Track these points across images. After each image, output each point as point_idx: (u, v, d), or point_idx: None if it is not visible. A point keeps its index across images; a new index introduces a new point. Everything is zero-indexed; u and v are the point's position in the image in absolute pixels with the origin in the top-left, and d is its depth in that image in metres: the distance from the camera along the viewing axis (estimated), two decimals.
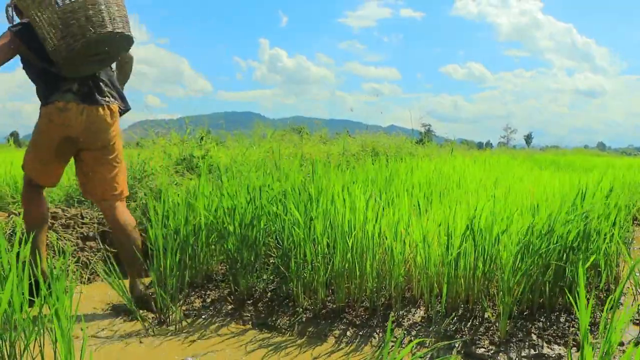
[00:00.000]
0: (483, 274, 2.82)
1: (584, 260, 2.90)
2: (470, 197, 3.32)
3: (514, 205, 3.07)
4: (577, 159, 12.48)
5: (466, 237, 2.80)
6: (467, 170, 5.33)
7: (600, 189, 3.66)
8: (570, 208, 2.98)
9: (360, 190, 3.09)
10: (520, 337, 2.69)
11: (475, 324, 2.82)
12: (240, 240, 3.10)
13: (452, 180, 4.47)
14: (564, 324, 2.83)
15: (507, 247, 2.72)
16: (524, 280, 2.72)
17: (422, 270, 2.89)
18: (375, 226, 2.90)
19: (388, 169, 4.42)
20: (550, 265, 2.82)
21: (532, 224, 2.76)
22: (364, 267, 2.91)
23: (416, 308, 3.03)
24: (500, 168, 6.54)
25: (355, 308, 3.00)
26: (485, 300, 2.84)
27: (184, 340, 2.74)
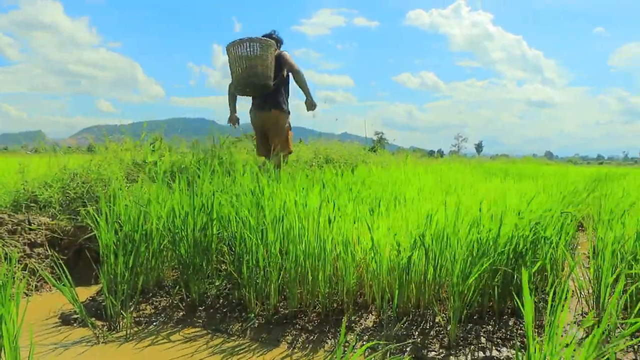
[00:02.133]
0: (433, 279, 2.85)
1: (530, 265, 2.96)
2: (420, 205, 3.36)
3: (463, 213, 3.12)
4: (526, 168, 12.76)
5: (417, 243, 2.81)
6: (418, 178, 5.38)
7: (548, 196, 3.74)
8: (518, 215, 3.04)
9: (313, 197, 3.09)
10: (470, 341, 2.79)
11: (426, 328, 2.89)
12: (193, 246, 3.07)
13: (404, 187, 4.51)
14: (512, 327, 2.95)
15: (457, 253, 2.76)
16: (473, 285, 2.77)
17: (374, 275, 2.91)
18: (327, 232, 2.90)
19: (341, 176, 4.43)
20: (499, 270, 2.87)
21: (480, 230, 2.80)
22: (316, 272, 2.91)
23: (368, 313, 3.11)
24: (451, 176, 6.62)
25: (307, 313, 3.06)
26: (436, 305, 2.88)
27: (135, 347, 2.77)
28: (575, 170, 15.05)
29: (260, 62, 5.38)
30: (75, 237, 4.05)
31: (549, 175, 9.65)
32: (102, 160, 4.93)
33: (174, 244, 3.29)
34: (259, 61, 5.37)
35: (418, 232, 2.97)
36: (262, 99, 5.77)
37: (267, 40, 5.50)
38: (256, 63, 5.36)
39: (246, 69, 5.40)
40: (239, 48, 5.40)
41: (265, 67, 5.44)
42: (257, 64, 5.37)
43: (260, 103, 5.82)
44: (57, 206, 4.33)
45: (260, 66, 5.39)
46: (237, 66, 5.45)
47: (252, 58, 5.36)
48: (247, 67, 5.40)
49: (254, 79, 5.43)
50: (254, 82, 5.45)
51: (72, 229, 4.11)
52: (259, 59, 5.37)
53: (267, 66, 5.46)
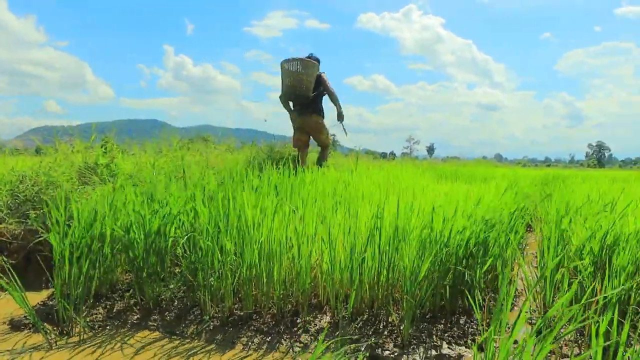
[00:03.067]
0: (387, 279, 2.91)
1: (481, 265, 3.05)
2: (373, 206, 3.41)
3: (416, 214, 3.19)
4: (476, 170, 12.99)
5: (370, 244, 2.87)
6: (371, 180, 5.44)
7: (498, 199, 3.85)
8: (469, 216, 3.13)
9: (268, 199, 3.11)
10: (423, 339, 2.88)
11: (380, 328, 2.92)
12: (148, 250, 3.06)
13: (356, 189, 4.56)
14: (464, 325, 3.02)
15: (408, 253, 2.83)
16: (425, 284, 2.84)
17: (328, 276, 2.95)
18: (282, 234, 2.94)
19: (295, 178, 4.46)
20: (451, 270, 2.96)
21: (432, 231, 2.88)
22: (271, 274, 2.94)
23: (322, 314, 3.13)
24: (404, 178, 6.70)
25: (262, 315, 3.08)
26: (390, 305, 2.94)
27: (89, 352, 2.79)
28: (524, 172, 15.48)
29: (305, 77, 7.08)
30: (25, 241, 3.98)
31: (499, 177, 9.85)
32: (52, 162, 4.84)
33: (128, 247, 3.27)
34: (303, 77, 7.06)
35: (371, 233, 3.02)
36: (303, 106, 7.36)
37: (311, 62, 7.12)
38: (301, 78, 7.05)
39: (293, 81, 7.09)
40: (289, 65, 7.08)
41: (307, 82, 7.12)
42: (302, 79, 7.07)
43: (301, 109, 7.41)
44: (5, 209, 4.23)
45: (304, 81, 7.09)
46: (287, 77, 7.15)
47: (298, 74, 7.05)
48: (294, 80, 7.09)
49: (297, 90, 7.13)
50: (297, 92, 7.17)
51: (21, 233, 4.04)
52: (303, 75, 7.06)
53: (309, 81, 7.12)
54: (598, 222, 3.27)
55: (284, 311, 3.17)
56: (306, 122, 7.46)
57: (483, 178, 9.68)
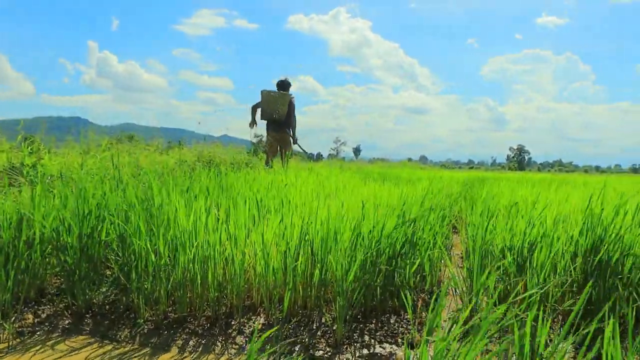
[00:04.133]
0: (319, 280, 3.00)
1: (410, 266, 3.18)
2: (304, 208, 3.50)
3: (347, 215, 3.29)
4: (403, 171, 13.32)
5: (302, 245, 2.96)
6: (302, 181, 5.52)
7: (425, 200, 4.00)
8: (397, 218, 3.25)
9: (201, 201, 3.14)
10: (355, 339, 2.99)
11: (313, 329, 3.00)
12: (79, 252, 3.03)
13: (288, 190, 4.63)
14: (394, 324, 3.15)
15: (340, 254, 2.93)
16: (357, 285, 2.94)
17: (262, 278, 3.02)
18: (215, 236, 2.98)
19: (226, 179, 4.49)
20: (381, 271, 3.07)
21: (362, 233, 2.99)
22: (205, 276, 2.98)
23: (256, 315, 3.20)
24: (332, 179, 6.82)
25: (197, 317, 3.09)
26: (322, 306, 3.03)
27: (16, 358, 2.64)
28: (449, 174, 15.95)
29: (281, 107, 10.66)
30: None
31: (425, 178, 10.12)
32: None
33: (59, 250, 3.22)
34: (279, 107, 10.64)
35: (303, 235, 3.10)
36: (277, 125, 10.83)
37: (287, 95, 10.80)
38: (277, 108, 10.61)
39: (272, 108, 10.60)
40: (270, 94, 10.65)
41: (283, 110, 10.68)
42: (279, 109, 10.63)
43: (275, 127, 10.84)
44: None
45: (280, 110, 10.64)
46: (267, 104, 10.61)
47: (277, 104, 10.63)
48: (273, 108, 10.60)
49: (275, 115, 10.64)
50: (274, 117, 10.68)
51: None
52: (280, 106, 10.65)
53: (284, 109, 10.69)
54: (519, 222, 3.44)
55: (218, 313, 3.23)
56: (279, 137, 10.82)
57: (409, 180, 9.91)
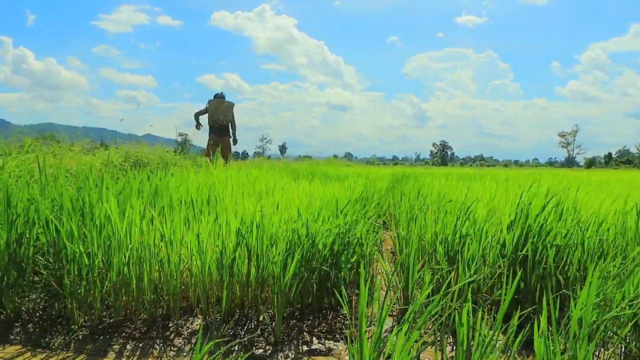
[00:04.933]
0: (256, 279, 3.03)
1: (346, 263, 3.25)
2: (239, 207, 3.51)
3: (281, 214, 3.33)
4: (330, 169, 13.47)
5: (239, 246, 2.98)
6: (233, 181, 5.51)
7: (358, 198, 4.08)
8: (333, 216, 3.31)
9: (134, 202, 3.11)
10: (294, 336, 3.04)
11: (252, 327, 3.02)
12: (7, 259, 2.95)
13: (221, 191, 4.62)
14: (331, 320, 3.20)
15: (277, 253, 2.97)
16: (294, 283, 2.99)
17: (199, 278, 3.02)
18: (150, 237, 2.96)
19: (157, 180, 4.44)
20: (317, 269, 3.13)
21: (299, 232, 3.05)
22: (141, 279, 2.95)
23: (194, 316, 3.17)
24: (262, 177, 6.83)
25: (133, 321, 3.05)
26: (260, 304, 3.05)
27: None
28: (376, 170, 16.24)
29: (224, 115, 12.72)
30: None
31: (353, 175, 10.24)
32: None
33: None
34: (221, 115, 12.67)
35: (240, 235, 3.12)
36: (221, 130, 12.79)
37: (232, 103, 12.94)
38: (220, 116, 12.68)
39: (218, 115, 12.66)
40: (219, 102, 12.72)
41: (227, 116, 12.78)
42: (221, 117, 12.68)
43: (219, 132, 12.76)
44: None
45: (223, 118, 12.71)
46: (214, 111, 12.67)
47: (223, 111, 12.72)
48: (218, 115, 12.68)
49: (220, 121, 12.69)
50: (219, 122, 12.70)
51: None
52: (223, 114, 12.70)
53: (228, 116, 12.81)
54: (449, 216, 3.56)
55: (155, 316, 3.20)
56: (222, 140, 12.63)
57: (338, 176, 10.01)
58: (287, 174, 9.32)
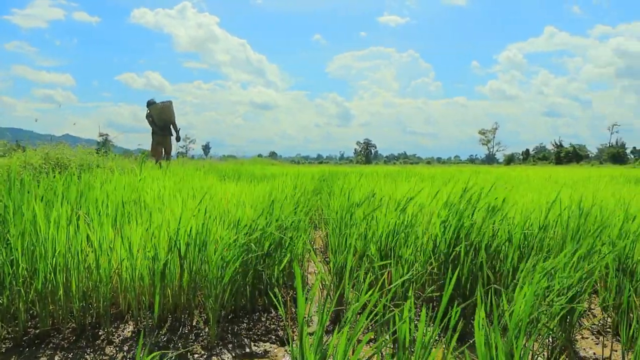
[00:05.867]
0: (189, 283, 2.99)
1: (279, 263, 3.25)
2: (168, 210, 3.45)
3: (212, 216, 3.31)
4: (256, 169, 13.49)
5: (171, 250, 2.93)
6: (160, 183, 5.41)
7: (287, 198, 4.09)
8: (266, 218, 3.31)
9: (60, 206, 3.01)
10: (229, 339, 3.05)
11: (186, 332, 2.97)
12: None
13: (148, 193, 4.54)
14: (265, 322, 3.21)
15: (210, 256, 2.95)
16: (229, 286, 2.97)
17: (129, 284, 2.97)
18: (77, 243, 2.88)
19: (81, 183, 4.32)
20: (250, 270, 3.12)
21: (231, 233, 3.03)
22: (69, 286, 2.86)
23: (125, 323, 3.09)
24: (187, 179, 6.74)
25: (61, 330, 2.95)
26: (194, 309, 3.02)
27: None
28: (302, 169, 16.29)
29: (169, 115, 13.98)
30: None
31: (280, 175, 10.27)
32: None
33: None
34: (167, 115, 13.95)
35: (172, 238, 3.07)
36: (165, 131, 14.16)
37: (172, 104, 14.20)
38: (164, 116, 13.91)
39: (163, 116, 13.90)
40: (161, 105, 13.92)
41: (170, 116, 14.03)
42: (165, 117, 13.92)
43: (163, 133, 14.12)
44: None
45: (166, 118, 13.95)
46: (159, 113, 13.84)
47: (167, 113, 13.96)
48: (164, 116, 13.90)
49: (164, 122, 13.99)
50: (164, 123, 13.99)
51: None
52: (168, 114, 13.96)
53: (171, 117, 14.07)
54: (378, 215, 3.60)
55: (84, 324, 3.11)
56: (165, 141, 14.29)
57: (264, 176, 9.99)
58: (213, 175, 9.22)
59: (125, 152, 18.09)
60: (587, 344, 3.20)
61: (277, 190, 5.14)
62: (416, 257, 3.47)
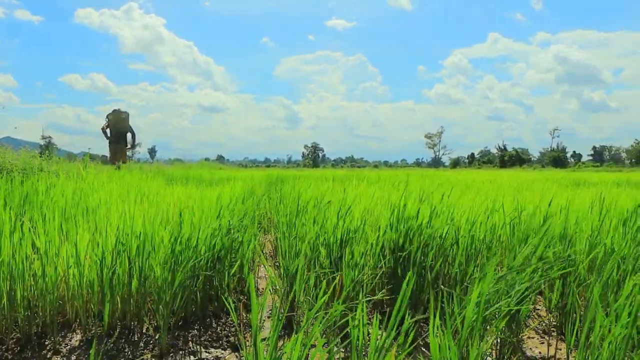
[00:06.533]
0: (138, 290, 2.95)
1: (229, 269, 3.24)
2: (115, 215, 3.40)
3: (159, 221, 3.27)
4: (204, 172, 13.40)
5: (119, 256, 2.88)
6: (106, 188, 5.32)
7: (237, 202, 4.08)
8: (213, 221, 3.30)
9: (5, 212, 2.94)
10: (180, 346, 3.05)
11: (135, 340, 2.92)
12: None
13: (94, 198, 4.45)
14: (216, 328, 3.20)
15: (157, 262, 2.92)
16: (179, 292, 2.94)
17: (77, 291, 2.90)
18: (22, 250, 2.81)
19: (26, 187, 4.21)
20: (200, 276, 3.10)
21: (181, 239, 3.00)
22: (13, 295, 2.78)
23: (72, 332, 3.03)
24: (134, 183, 6.66)
25: (4, 341, 2.87)
26: (144, 316, 2.98)
27: None
28: (249, 173, 16.42)
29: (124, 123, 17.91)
30: None
31: (228, 179, 10.23)
32: None
33: None
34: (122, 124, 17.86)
35: (120, 243, 3.03)
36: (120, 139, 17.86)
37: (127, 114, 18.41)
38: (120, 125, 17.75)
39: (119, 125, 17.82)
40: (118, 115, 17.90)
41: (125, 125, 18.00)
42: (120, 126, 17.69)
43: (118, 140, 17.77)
44: None
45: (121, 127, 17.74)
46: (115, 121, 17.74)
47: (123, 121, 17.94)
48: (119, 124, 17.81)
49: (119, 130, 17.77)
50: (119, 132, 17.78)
51: None
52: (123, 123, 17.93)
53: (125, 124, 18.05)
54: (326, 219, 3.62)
55: (29, 334, 3.03)
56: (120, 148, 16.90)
57: (212, 180, 9.95)
58: (161, 179, 9.11)
59: (69, 155, 17.75)
60: (533, 344, 3.30)
61: (227, 195, 5.11)
62: (366, 261, 3.50)
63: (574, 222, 3.70)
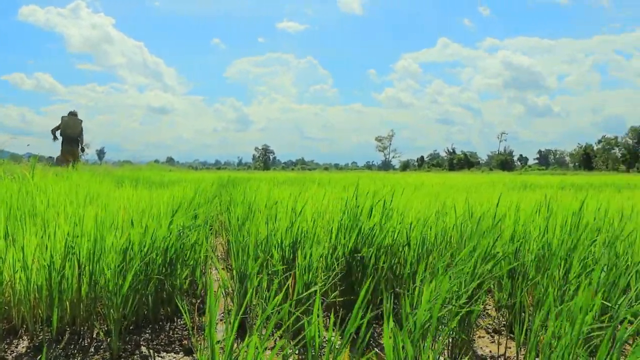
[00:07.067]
0: (88, 293, 2.90)
1: (181, 271, 3.21)
2: (62, 218, 3.33)
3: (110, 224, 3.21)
4: (154, 175, 13.23)
5: (68, 260, 2.83)
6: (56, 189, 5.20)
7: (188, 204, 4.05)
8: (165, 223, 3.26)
9: None
10: (132, 351, 3.06)
11: (86, 345, 2.88)
12: None
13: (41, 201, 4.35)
14: (169, 331, 3.16)
15: (109, 265, 2.87)
16: (131, 295, 2.90)
17: (24, 296, 2.82)
18: None
19: None
20: (152, 279, 3.06)
21: (132, 241, 2.96)
22: None
23: (19, 338, 2.95)
24: (83, 184, 6.53)
25: None
26: (94, 320, 2.92)
27: None
28: (199, 175, 16.35)
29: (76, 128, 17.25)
30: None
31: (178, 181, 10.14)
32: None
33: None
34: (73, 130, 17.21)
35: (69, 246, 2.97)
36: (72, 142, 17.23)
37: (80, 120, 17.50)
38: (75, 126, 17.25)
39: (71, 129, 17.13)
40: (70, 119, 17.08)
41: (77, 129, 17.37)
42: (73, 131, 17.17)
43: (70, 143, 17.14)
44: None
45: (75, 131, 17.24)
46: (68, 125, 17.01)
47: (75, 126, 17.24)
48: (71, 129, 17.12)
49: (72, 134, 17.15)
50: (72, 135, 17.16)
51: None
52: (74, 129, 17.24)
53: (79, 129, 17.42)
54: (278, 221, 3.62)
55: None
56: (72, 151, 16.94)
57: (162, 182, 9.85)
58: (110, 181, 8.96)
59: (13, 156, 17.19)
60: (483, 343, 3.38)
61: (177, 198, 5.06)
62: (319, 263, 3.51)
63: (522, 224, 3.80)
